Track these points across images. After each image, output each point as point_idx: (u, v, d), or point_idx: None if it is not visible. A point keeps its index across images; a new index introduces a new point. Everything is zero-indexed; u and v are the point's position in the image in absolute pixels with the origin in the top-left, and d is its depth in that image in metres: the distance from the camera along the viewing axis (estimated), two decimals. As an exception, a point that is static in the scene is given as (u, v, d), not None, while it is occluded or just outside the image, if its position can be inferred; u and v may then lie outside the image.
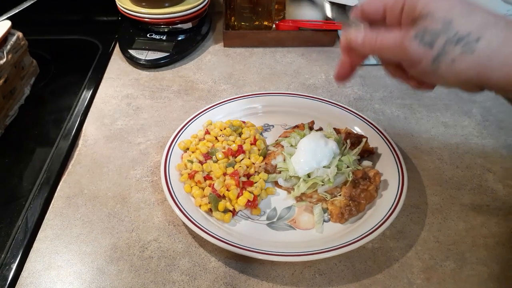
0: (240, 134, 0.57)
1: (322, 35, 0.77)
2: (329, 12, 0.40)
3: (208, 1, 0.78)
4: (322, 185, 0.48)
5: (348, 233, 0.44)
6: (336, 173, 0.49)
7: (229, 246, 0.42)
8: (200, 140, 0.55)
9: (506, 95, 0.34)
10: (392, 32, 0.33)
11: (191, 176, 0.50)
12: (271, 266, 0.43)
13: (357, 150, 0.52)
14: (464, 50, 0.30)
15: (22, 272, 0.43)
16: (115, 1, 0.76)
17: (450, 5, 0.31)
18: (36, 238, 0.46)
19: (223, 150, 0.53)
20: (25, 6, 0.68)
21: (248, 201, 0.47)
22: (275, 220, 0.47)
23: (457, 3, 0.31)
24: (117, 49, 0.77)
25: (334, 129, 0.56)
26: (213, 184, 0.48)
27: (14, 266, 0.43)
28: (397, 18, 0.35)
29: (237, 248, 0.42)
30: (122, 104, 0.65)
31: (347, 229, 0.45)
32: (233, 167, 0.51)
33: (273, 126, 0.60)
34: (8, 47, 0.60)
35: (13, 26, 0.62)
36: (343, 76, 0.42)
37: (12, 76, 0.61)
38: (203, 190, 0.49)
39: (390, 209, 0.45)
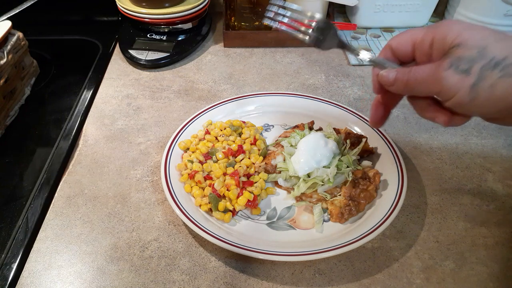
0: (240, 134, 0.57)
1: (322, 35, 0.77)
2: (364, 55, 0.40)
3: (208, 2, 0.78)
4: (322, 185, 0.48)
5: (348, 233, 0.44)
6: (336, 173, 0.49)
7: (229, 246, 0.42)
8: (200, 140, 0.56)
9: None
10: (424, 66, 0.33)
11: (191, 176, 0.50)
12: (271, 266, 0.43)
13: (357, 150, 0.52)
14: (503, 74, 0.29)
15: (22, 272, 0.43)
16: (115, 1, 0.76)
17: (482, 34, 0.31)
18: (37, 238, 0.46)
19: (223, 150, 0.53)
20: (25, 6, 0.69)
21: (248, 201, 0.47)
22: (275, 220, 0.47)
23: (489, 31, 0.31)
24: (117, 49, 0.77)
25: (334, 129, 0.56)
26: (213, 184, 0.48)
27: (15, 266, 0.43)
28: (427, 54, 0.34)
29: (237, 248, 0.42)
30: (122, 104, 0.65)
31: (346, 229, 0.45)
32: (233, 167, 0.51)
33: (273, 126, 0.60)
34: (9, 47, 0.60)
35: (13, 26, 0.62)
36: (379, 120, 0.41)
37: (12, 76, 0.61)
38: (203, 190, 0.49)
39: (390, 209, 0.45)
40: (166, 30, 0.77)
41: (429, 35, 0.33)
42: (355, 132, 0.56)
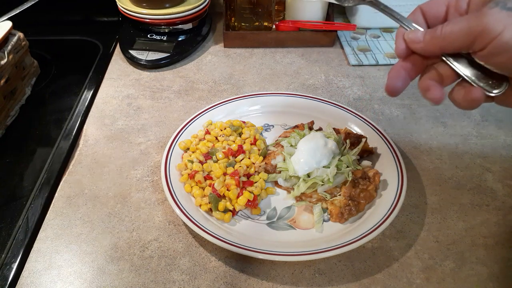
0: (240, 134, 0.57)
1: (322, 36, 0.77)
2: (392, 12, 0.36)
3: (208, 2, 0.78)
4: (322, 185, 0.48)
5: (348, 233, 0.44)
6: (336, 173, 0.49)
7: (229, 246, 0.42)
8: (200, 140, 0.56)
9: None
10: (460, 18, 0.30)
11: (191, 176, 0.50)
12: (271, 266, 0.43)
13: (357, 150, 0.52)
14: None
15: (22, 272, 0.43)
16: (115, 2, 0.76)
17: None
18: (37, 238, 0.46)
19: (223, 150, 0.53)
20: (26, 7, 0.69)
21: (248, 201, 0.47)
22: (275, 219, 0.48)
23: None
24: (117, 49, 0.77)
25: (334, 129, 0.56)
26: (213, 184, 0.49)
27: (15, 266, 0.43)
28: (462, 12, 0.32)
29: (237, 248, 0.42)
30: (122, 104, 0.65)
31: (346, 229, 0.45)
32: (233, 167, 0.51)
33: (273, 126, 0.60)
34: (9, 47, 0.60)
35: (14, 27, 0.62)
36: (397, 88, 0.36)
37: (13, 76, 0.61)
38: (203, 190, 0.49)
39: (390, 208, 0.45)
40: (166, 31, 0.77)
41: None
42: (355, 132, 0.56)
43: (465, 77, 0.32)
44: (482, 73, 0.31)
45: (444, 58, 0.33)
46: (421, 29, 0.34)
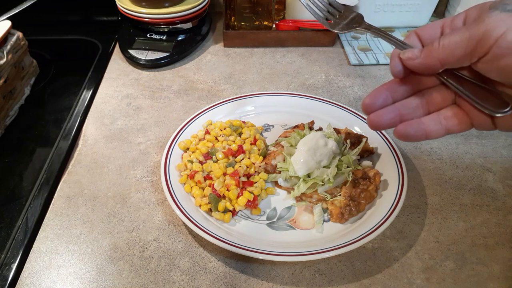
0: (240, 134, 0.57)
1: (322, 35, 0.77)
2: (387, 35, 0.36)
3: (208, 1, 0.78)
4: (322, 185, 0.48)
5: (348, 233, 0.44)
6: (336, 173, 0.49)
7: (229, 246, 0.42)
8: (200, 140, 0.55)
9: None
10: (456, 30, 0.30)
11: (191, 176, 0.50)
12: (271, 266, 0.43)
13: (357, 150, 0.52)
14: None
15: (22, 272, 0.43)
16: (115, 1, 0.76)
17: None
18: (36, 238, 0.46)
19: (223, 150, 0.53)
20: (25, 6, 0.68)
21: (248, 201, 0.47)
22: (275, 220, 0.47)
23: None
24: (117, 49, 0.77)
25: (334, 129, 0.56)
26: (213, 184, 0.48)
27: (14, 266, 0.43)
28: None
29: (237, 248, 0.42)
30: (122, 104, 0.65)
31: (347, 229, 0.45)
32: (233, 167, 0.51)
33: (273, 126, 0.60)
34: (8, 47, 0.60)
35: (13, 26, 0.62)
36: (376, 105, 0.35)
37: (12, 76, 0.61)
38: (203, 190, 0.49)
39: (390, 209, 0.45)
40: (166, 30, 0.77)
41: (462, 14, 0.31)
42: (355, 132, 0.56)
43: (467, 97, 0.31)
44: (484, 94, 0.30)
45: (442, 79, 0.32)
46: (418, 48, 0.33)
